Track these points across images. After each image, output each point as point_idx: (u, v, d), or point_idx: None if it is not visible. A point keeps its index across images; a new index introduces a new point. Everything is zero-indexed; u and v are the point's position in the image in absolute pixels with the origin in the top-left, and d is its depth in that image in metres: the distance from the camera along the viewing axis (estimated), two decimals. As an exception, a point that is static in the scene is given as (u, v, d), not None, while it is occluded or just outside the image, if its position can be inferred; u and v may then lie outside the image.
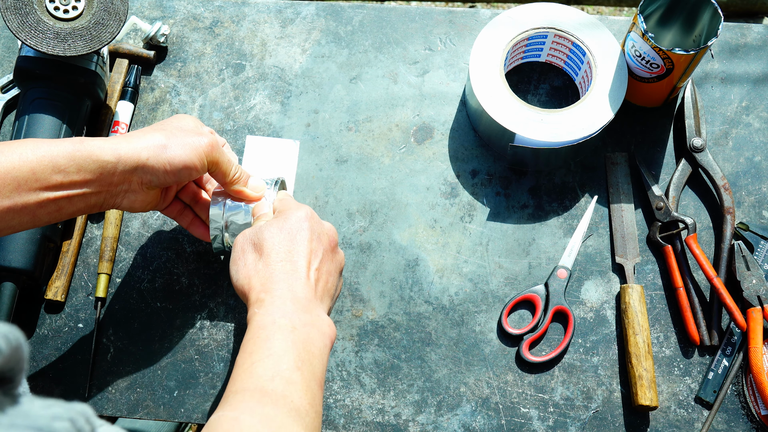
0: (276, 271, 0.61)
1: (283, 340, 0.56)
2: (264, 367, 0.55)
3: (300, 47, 0.86)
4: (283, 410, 0.53)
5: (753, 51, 0.85)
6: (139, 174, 0.62)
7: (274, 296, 0.59)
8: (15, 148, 0.58)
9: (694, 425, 0.73)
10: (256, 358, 0.55)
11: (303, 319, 0.58)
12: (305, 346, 0.57)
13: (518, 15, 0.80)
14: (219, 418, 0.52)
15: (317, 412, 0.55)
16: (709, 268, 0.74)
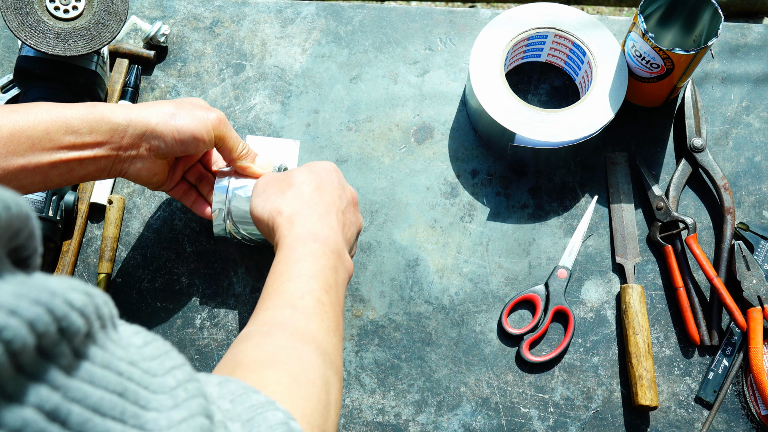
0: (307, 200, 0.62)
1: (314, 263, 0.57)
2: (295, 286, 0.55)
3: (300, 47, 0.86)
4: (314, 326, 0.53)
5: (753, 51, 0.85)
6: (148, 139, 0.63)
7: (305, 221, 0.60)
8: (30, 109, 0.59)
9: (694, 425, 0.73)
10: (287, 278, 0.56)
11: (332, 247, 0.59)
12: (333, 272, 0.58)
13: (518, 15, 0.80)
14: (250, 333, 0.52)
15: (341, 337, 0.56)
16: (709, 268, 0.74)
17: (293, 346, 0.51)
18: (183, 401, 0.32)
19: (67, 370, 0.27)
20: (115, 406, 0.29)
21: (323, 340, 0.53)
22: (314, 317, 0.54)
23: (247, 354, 0.50)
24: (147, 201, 0.80)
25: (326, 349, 0.53)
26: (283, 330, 0.52)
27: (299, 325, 0.52)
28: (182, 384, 0.33)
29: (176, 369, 0.34)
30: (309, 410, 0.47)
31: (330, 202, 0.63)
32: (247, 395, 0.42)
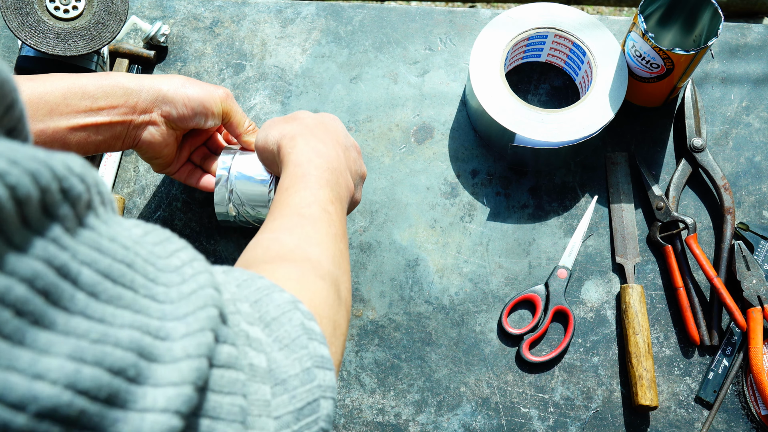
0: (311, 129, 0.63)
1: (319, 177, 0.58)
2: (300, 197, 0.56)
3: (300, 47, 0.86)
4: (322, 230, 0.53)
5: (753, 51, 0.85)
6: (160, 104, 0.65)
7: (309, 140, 0.61)
8: (46, 78, 0.61)
9: (694, 425, 0.73)
10: (293, 191, 0.56)
11: (335, 166, 0.60)
12: (338, 188, 0.59)
13: (518, 15, 0.80)
14: (258, 240, 0.52)
15: (347, 244, 0.56)
16: (709, 268, 0.74)
17: (302, 248, 0.51)
18: (191, 277, 0.32)
19: (72, 233, 0.27)
20: (125, 274, 0.28)
21: (330, 244, 0.53)
22: (321, 224, 0.54)
23: (256, 257, 0.50)
24: (147, 201, 0.80)
25: (333, 252, 0.53)
26: (291, 235, 0.52)
27: (307, 230, 0.53)
28: (188, 263, 0.33)
29: (180, 251, 0.33)
30: (318, 301, 0.47)
31: (334, 136, 0.64)
32: (252, 280, 0.41)
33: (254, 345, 0.36)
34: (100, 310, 0.27)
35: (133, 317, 0.28)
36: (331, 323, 0.47)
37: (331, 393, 0.40)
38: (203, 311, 0.31)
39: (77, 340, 0.25)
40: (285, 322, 0.39)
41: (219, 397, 0.32)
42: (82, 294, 0.26)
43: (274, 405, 0.36)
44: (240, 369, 0.33)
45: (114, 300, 0.27)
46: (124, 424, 0.26)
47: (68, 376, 0.24)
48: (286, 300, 0.41)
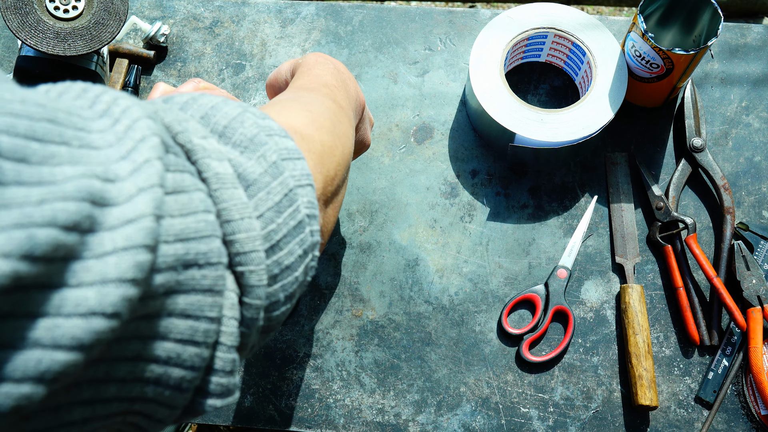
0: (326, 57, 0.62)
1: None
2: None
3: (300, 47, 0.86)
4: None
5: (753, 51, 0.85)
6: None
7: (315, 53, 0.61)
8: None
9: (694, 425, 0.73)
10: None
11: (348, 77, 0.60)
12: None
13: (518, 15, 0.80)
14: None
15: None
16: (709, 268, 0.74)
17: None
18: (121, 114, 0.30)
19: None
20: (50, 131, 0.26)
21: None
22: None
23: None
24: (147, 201, 0.80)
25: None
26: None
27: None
28: (113, 103, 0.31)
29: (101, 95, 0.31)
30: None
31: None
32: (195, 100, 0.38)
33: (214, 155, 0.34)
34: (35, 173, 0.24)
35: (74, 169, 0.26)
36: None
37: (306, 180, 0.38)
38: (144, 143, 0.29)
39: (20, 209, 0.23)
40: (237, 126, 0.37)
41: (180, 220, 0.30)
42: (8, 163, 0.24)
43: (252, 205, 0.35)
44: (196, 190, 0.32)
45: (48, 159, 0.25)
46: (86, 274, 0.25)
47: (21, 245, 0.23)
48: (234, 106, 0.38)
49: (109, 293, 0.25)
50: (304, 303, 0.77)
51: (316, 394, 0.74)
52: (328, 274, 0.78)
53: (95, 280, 0.25)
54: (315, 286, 0.77)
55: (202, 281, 0.31)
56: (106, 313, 0.25)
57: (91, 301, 0.25)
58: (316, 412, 0.73)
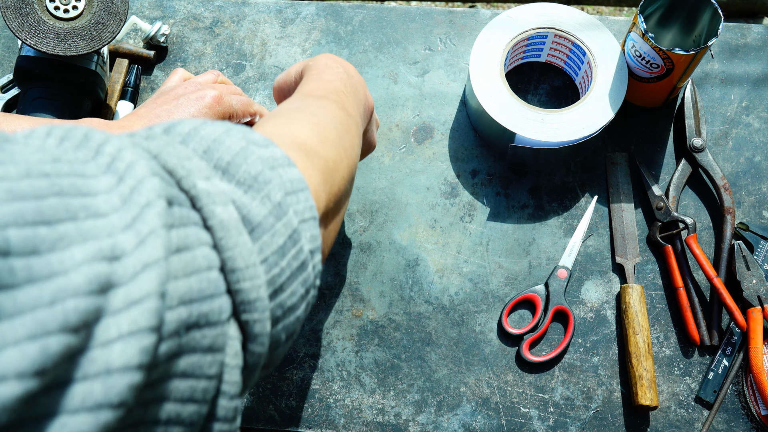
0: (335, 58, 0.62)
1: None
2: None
3: (300, 47, 0.86)
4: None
5: (753, 51, 0.85)
6: None
7: (325, 55, 0.61)
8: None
9: (694, 425, 0.73)
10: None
11: (357, 80, 0.60)
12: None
13: (518, 15, 0.80)
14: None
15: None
16: (709, 268, 0.74)
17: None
18: (125, 171, 0.29)
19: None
20: (57, 207, 0.25)
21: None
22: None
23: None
24: (147, 201, 0.80)
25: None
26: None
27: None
28: (117, 156, 0.29)
29: (104, 145, 0.30)
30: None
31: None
32: (196, 131, 0.37)
33: (218, 199, 0.33)
34: (46, 266, 0.24)
35: (84, 249, 0.25)
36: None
37: (310, 213, 0.38)
38: (150, 209, 0.28)
39: (32, 314, 0.23)
40: (241, 162, 0.36)
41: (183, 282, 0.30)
42: (20, 260, 0.23)
43: (257, 249, 0.34)
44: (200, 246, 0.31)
45: (57, 243, 0.24)
46: (91, 365, 0.24)
47: (34, 361, 0.22)
48: (237, 138, 0.37)
49: (115, 384, 0.25)
50: (304, 303, 0.77)
51: (316, 394, 0.74)
52: (328, 274, 0.78)
53: (100, 371, 0.25)
54: (315, 286, 0.77)
55: (203, 341, 0.30)
56: (113, 404, 0.25)
57: (96, 395, 0.24)
58: (316, 412, 0.73)
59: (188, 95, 0.64)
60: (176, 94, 0.65)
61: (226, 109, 0.65)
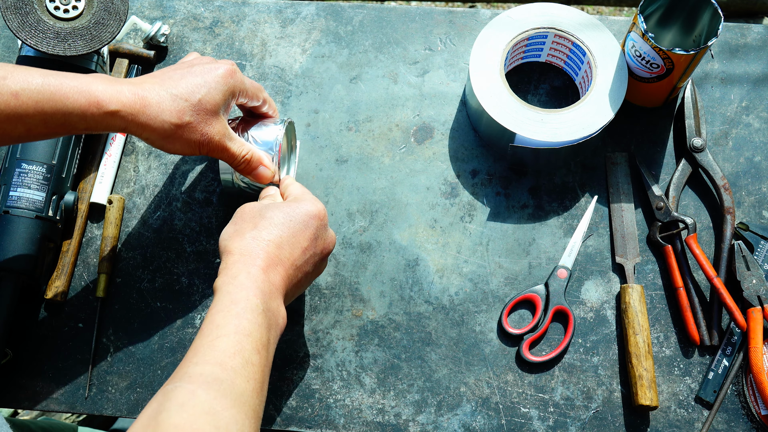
0: (262, 251, 0.61)
1: (252, 321, 0.57)
2: (228, 342, 0.55)
3: (300, 47, 0.86)
4: (240, 387, 0.54)
5: (753, 51, 0.85)
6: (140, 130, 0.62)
7: (250, 274, 0.59)
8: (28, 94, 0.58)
9: (694, 425, 0.73)
10: (223, 333, 0.55)
11: (271, 305, 0.59)
12: (268, 330, 0.58)
13: (518, 15, 0.80)
14: (175, 389, 0.52)
15: (264, 398, 0.57)
16: (709, 268, 0.74)
17: (215, 412, 0.51)
18: None
19: None
20: None
21: (246, 403, 0.53)
22: (241, 379, 0.54)
23: (170, 416, 0.50)
24: (147, 201, 0.80)
25: (247, 411, 0.53)
26: (208, 390, 0.52)
27: (225, 387, 0.52)
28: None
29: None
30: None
31: (289, 258, 0.62)
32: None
33: None
34: None
35: None
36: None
37: None
38: None
39: None
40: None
41: None
42: None
43: None
44: None
45: None
46: None
47: None
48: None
49: None
50: (304, 303, 0.77)
51: (316, 394, 0.74)
52: (328, 274, 0.78)
53: None
54: (315, 286, 0.77)
55: None
56: None
57: None
58: (316, 412, 0.73)
59: (203, 65, 0.66)
60: (191, 63, 0.66)
61: (237, 83, 0.66)
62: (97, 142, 0.81)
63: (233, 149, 0.66)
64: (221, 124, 0.65)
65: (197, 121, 0.63)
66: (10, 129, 0.58)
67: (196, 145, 0.63)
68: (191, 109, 0.62)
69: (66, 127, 0.59)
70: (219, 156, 0.66)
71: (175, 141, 0.62)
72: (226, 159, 0.66)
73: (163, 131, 0.61)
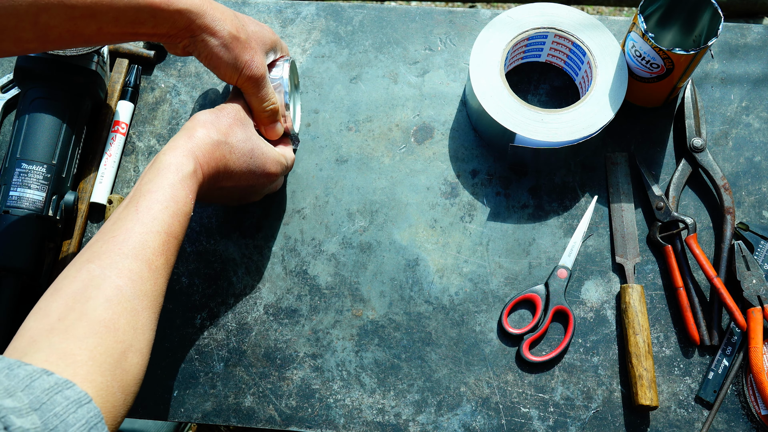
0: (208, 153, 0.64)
1: (182, 223, 0.60)
2: (158, 241, 0.58)
3: (300, 47, 0.86)
4: (158, 289, 0.57)
5: (753, 51, 0.86)
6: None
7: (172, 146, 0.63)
8: None
9: (694, 425, 0.73)
10: (155, 228, 0.58)
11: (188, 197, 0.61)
12: (184, 229, 0.60)
13: (518, 15, 0.80)
14: (104, 280, 0.54)
15: (158, 303, 0.58)
16: (709, 268, 0.74)
17: (136, 312, 0.54)
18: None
19: None
20: None
21: (158, 303, 0.57)
22: (161, 280, 0.57)
23: (95, 309, 0.52)
24: (147, 201, 0.80)
25: (157, 309, 0.57)
26: (133, 289, 0.54)
27: (147, 288, 0.55)
28: None
29: None
30: (100, 352, 0.50)
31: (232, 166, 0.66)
32: (11, 368, 0.44)
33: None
34: None
35: None
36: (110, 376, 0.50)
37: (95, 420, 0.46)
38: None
39: None
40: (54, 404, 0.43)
41: None
42: None
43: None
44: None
45: None
46: None
47: None
48: (52, 383, 0.44)
49: None
50: (304, 303, 0.77)
51: (316, 394, 0.74)
52: (328, 274, 0.78)
53: None
54: (315, 286, 0.77)
55: None
56: None
57: None
58: (316, 412, 0.73)
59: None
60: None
61: (279, 40, 0.75)
62: (97, 142, 0.81)
63: (268, 89, 0.71)
64: (264, 62, 0.70)
65: (250, 43, 0.68)
66: (83, 26, 0.60)
67: (243, 65, 0.67)
68: (247, 32, 0.68)
69: (134, 26, 0.62)
70: (252, 90, 0.69)
71: (227, 51, 0.66)
72: (257, 99, 0.70)
73: (222, 37, 0.65)
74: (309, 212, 0.80)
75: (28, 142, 0.73)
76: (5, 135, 0.82)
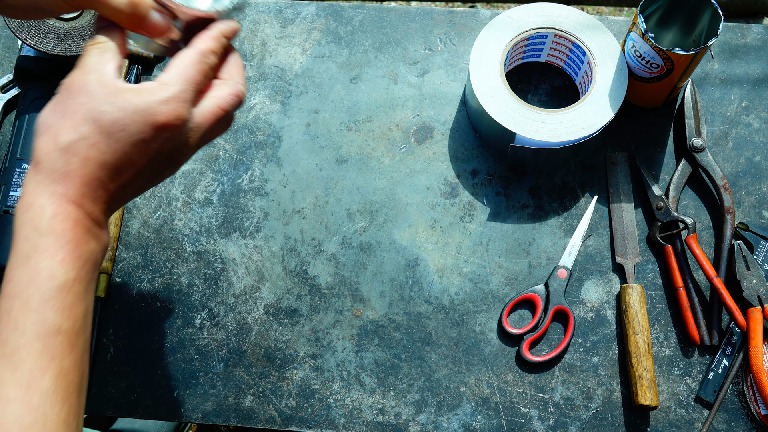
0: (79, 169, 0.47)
1: (60, 308, 0.44)
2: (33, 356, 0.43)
3: (300, 47, 0.86)
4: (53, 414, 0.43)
5: (753, 51, 0.86)
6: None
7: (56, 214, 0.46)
8: None
9: (694, 425, 0.73)
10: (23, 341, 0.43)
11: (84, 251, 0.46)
12: (85, 296, 0.46)
13: (518, 15, 0.80)
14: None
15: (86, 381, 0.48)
16: (709, 268, 0.74)
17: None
18: None
19: None
20: None
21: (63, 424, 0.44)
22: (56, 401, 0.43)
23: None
24: (147, 201, 0.80)
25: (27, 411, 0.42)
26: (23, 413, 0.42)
27: (39, 416, 0.42)
28: None
29: None
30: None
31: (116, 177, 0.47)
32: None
33: None
34: None
35: None
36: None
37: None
38: None
39: None
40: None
41: None
42: None
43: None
44: None
45: None
46: None
47: None
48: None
49: None
50: (304, 303, 0.77)
51: (316, 394, 0.74)
52: (328, 274, 0.78)
53: None
54: (315, 286, 0.77)
55: None
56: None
57: None
58: (316, 412, 0.73)
59: None
60: None
61: None
62: (97, 142, 0.81)
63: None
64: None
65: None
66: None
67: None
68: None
69: None
70: (89, 5, 0.49)
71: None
72: (98, 6, 0.49)
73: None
74: (309, 212, 0.80)
75: (28, 142, 0.73)
76: (5, 135, 0.82)
